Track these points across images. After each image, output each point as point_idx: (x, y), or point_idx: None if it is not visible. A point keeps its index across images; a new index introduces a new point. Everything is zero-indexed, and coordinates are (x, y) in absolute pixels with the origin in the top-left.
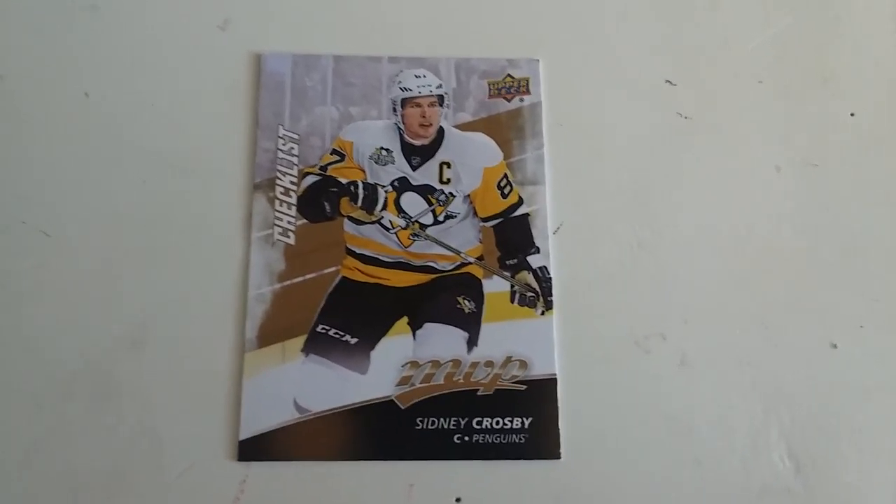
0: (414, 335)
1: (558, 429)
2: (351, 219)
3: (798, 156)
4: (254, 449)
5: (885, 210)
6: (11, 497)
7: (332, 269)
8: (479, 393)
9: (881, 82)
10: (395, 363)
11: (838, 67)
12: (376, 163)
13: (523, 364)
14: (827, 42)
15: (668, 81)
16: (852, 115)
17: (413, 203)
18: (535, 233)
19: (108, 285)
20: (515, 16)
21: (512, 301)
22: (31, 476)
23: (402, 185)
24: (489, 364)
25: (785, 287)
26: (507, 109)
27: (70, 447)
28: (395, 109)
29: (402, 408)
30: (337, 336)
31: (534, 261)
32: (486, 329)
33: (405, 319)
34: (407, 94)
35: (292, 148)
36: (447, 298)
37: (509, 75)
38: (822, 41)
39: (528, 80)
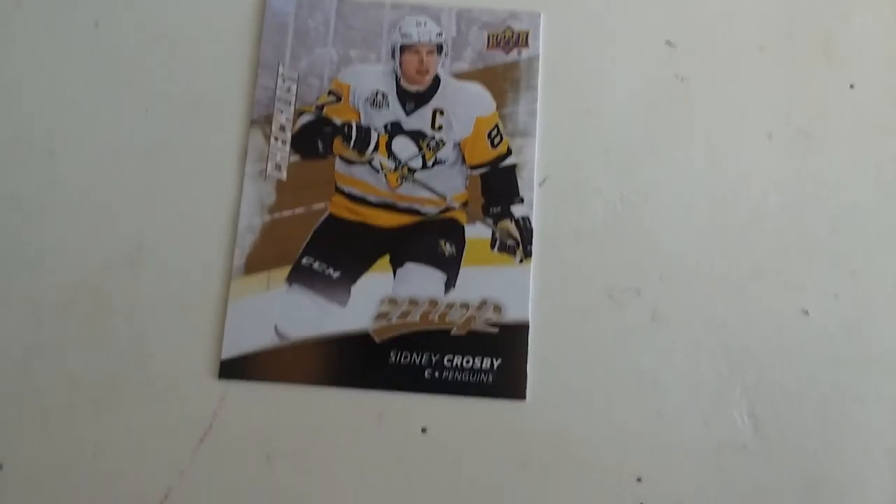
0: (394, 273)
1: (526, 372)
2: (342, 158)
3: (792, 124)
4: (234, 368)
5: (873, 184)
6: (10, 397)
7: (321, 205)
8: (452, 332)
9: (883, 56)
10: (374, 299)
11: (841, 38)
12: (371, 106)
13: (497, 308)
14: (831, 13)
15: (668, 42)
16: (852, 87)
17: (404, 147)
18: (520, 184)
19: (107, 207)
20: None
21: (492, 247)
22: (29, 380)
23: (394, 129)
24: (465, 306)
25: (764, 253)
26: (504, 62)
27: (66, 356)
28: (393, 55)
29: (378, 341)
30: (320, 269)
31: (517, 210)
32: (465, 273)
33: (387, 258)
34: (406, 41)
35: (291, 87)
36: (429, 241)
37: (509, 27)
38: (827, 12)
39: (527, 34)
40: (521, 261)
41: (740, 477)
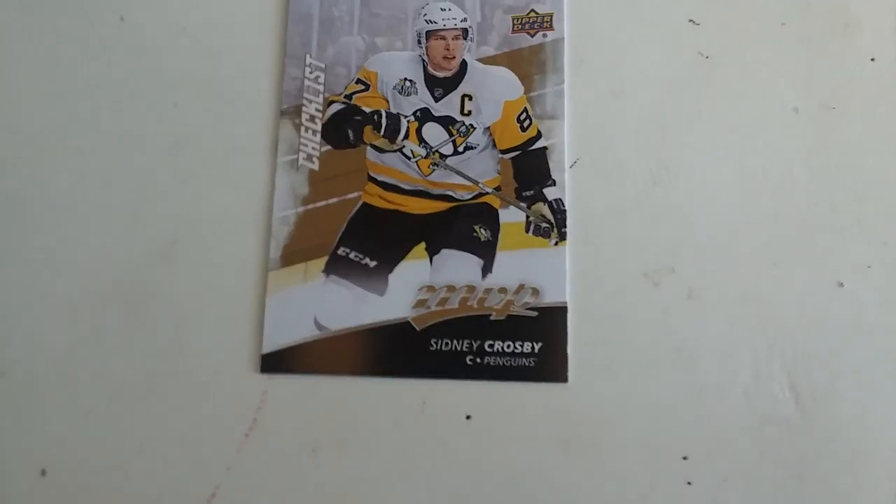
0: (431, 260)
1: (566, 354)
2: (373, 147)
3: (816, 99)
4: (275, 362)
5: None
6: (50, 400)
7: (354, 194)
8: (491, 318)
9: None
10: (412, 286)
11: (860, 12)
12: (400, 93)
13: (535, 291)
14: None
15: (691, 21)
16: (873, 59)
17: (434, 133)
18: (551, 166)
19: (141, 203)
20: None
21: (527, 231)
22: (68, 381)
23: (423, 116)
24: (502, 290)
25: (796, 227)
26: (529, 44)
27: (104, 354)
28: (419, 41)
29: (418, 329)
30: (357, 259)
31: (549, 193)
32: (501, 257)
33: (423, 245)
34: (432, 27)
35: (318, 76)
36: (464, 226)
37: (533, 10)
38: None
39: (552, 16)
40: (556, 243)
41: (784, 450)
